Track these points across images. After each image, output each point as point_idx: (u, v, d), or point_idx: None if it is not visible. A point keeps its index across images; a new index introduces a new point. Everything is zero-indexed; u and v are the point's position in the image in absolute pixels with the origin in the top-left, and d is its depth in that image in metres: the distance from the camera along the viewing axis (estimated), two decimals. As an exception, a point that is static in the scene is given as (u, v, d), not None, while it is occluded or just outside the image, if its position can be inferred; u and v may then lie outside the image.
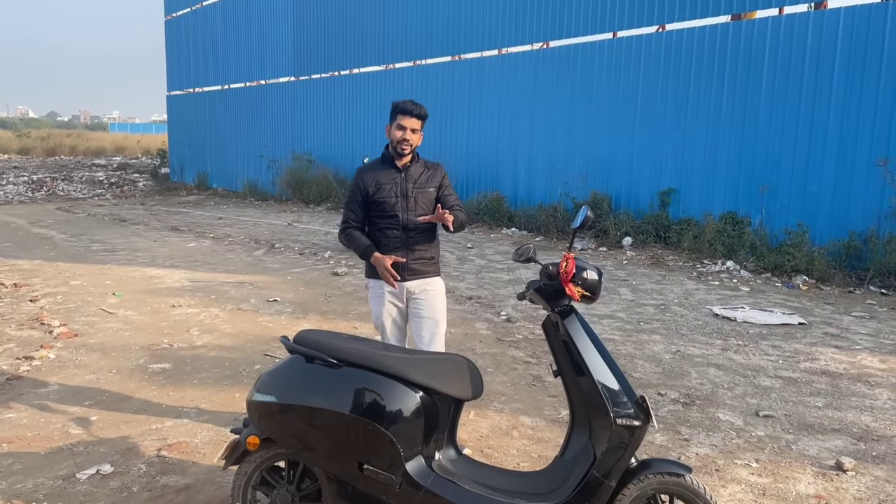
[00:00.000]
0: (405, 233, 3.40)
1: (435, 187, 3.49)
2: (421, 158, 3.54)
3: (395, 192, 3.40)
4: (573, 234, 2.75)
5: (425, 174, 3.48)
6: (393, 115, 3.42)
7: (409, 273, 3.42)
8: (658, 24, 11.31)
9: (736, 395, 4.55)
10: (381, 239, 3.42)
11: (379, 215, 3.41)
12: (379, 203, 3.39)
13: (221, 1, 22.49)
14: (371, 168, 3.51)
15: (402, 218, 3.39)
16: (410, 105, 3.39)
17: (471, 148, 14.54)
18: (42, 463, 3.45)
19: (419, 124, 3.41)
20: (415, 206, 3.41)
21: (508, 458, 3.61)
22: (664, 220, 10.90)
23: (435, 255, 3.54)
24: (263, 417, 2.60)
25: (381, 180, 3.41)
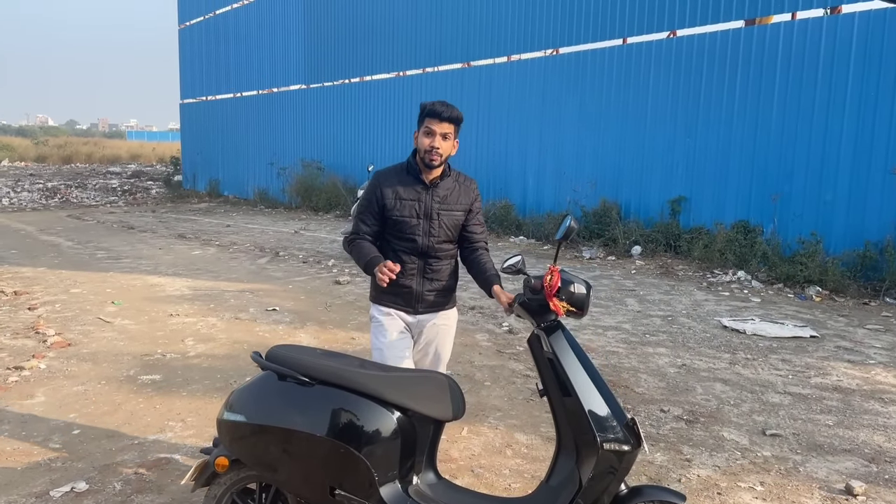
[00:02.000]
0: (423, 259, 2.88)
1: (464, 210, 2.92)
2: (453, 171, 2.96)
3: (416, 210, 2.84)
4: (558, 246, 2.60)
5: (455, 192, 2.90)
6: (420, 118, 2.83)
7: (422, 305, 2.91)
8: (669, 29, 11.15)
9: (742, 412, 4.37)
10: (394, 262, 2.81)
11: (395, 235, 2.88)
12: (396, 221, 2.84)
13: (234, 10, 22.59)
14: (392, 175, 2.90)
15: (420, 243, 2.85)
16: (440, 106, 2.80)
17: (480, 155, 14.42)
18: (18, 479, 3.34)
19: (452, 129, 2.82)
20: (438, 230, 2.86)
21: (500, 478, 3.46)
22: (674, 229, 10.70)
23: (454, 284, 3.03)
24: (233, 438, 2.47)
25: (403, 194, 2.85)
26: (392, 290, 2.88)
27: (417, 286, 2.89)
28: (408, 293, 2.90)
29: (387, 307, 2.93)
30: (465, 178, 2.99)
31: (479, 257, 2.96)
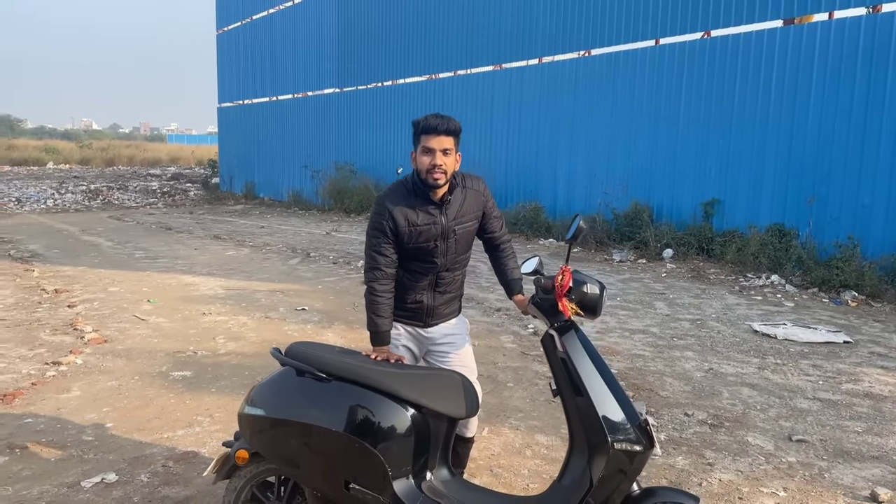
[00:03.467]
0: (437, 274, 2.77)
1: (477, 217, 2.77)
2: (459, 174, 2.76)
3: (433, 234, 2.67)
4: (569, 246, 2.61)
5: (466, 202, 2.73)
6: (416, 137, 2.63)
7: (432, 318, 2.81)
8: (703, 30, 11.00)
9: (769, 417, 4.30)
10: (405, 280, 2.75)
11: (412, 258, 2.72)
12: (413, 249, 2.68)
13: (269, 15, 22.95)
14: (399, 199, 2.67)
15: (440, 263, 2.73)
16: (435, 119, 2.58)
17: (510, 158, 14.42)
18: (51, 469, 3.47)
19: (451, 142, 2.59)
20: (455, 248, 2.74)
21: (519, 478, 3.47)
22: (707, 232, 10.56)
23: (462, 292, 2.96)
24: (252, 431, 2.54)
25: (416, 220, 2.64)
26: (401, 306, 2.78)
27: (429, 301, 2.79)
28: (418, 308, 2.78)
29: (394, 321, 2.79)
30: (472, 180, 2.78)
31: (503, 254, 2.89)
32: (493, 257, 2.93)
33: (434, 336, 2.85)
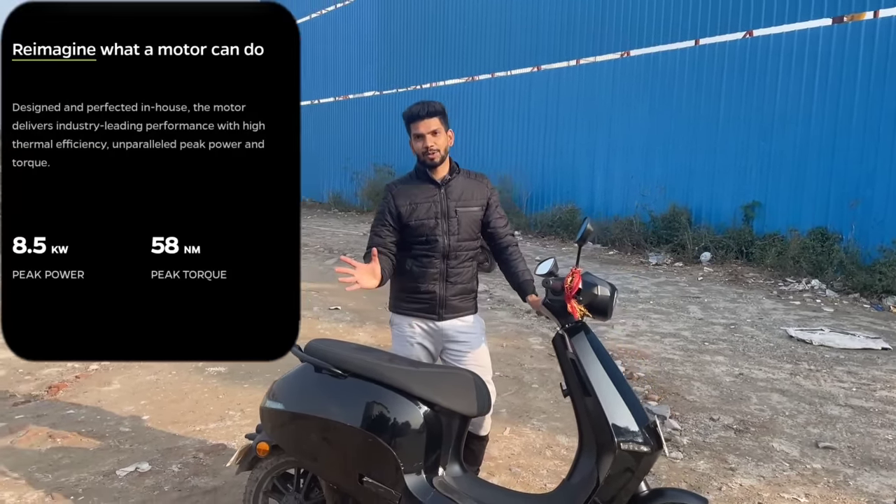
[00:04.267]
0: (445, 261, 2.82)
1: (481, 205, 2.88)
2: (462, 169, 2.94)
3: (434, 211, 2.80)
4: (578, 248, 2.64)
5: (469, 188, 2.87)
6: (407, 128, 2.86)
7: (446, 311, 2.84)
8: (744, 29, 10.83)
9: (797, 423, 4.25)
10: (415, 269, 2.82)
11: (415, 241, 2.82)
12: (414, 227, 2.80)
13: (311, 20, 23.36)
14: (404, 183, 2.90)
15: (442, 243, 2.79)
16: (416, 107, 2.78)
17: (547, 160, 14.40)
18: (88, 458, 3.64)
19: (438, 123, 2.78)
20: (458, 228, 2.81)
21: (537, 478, 3.51)
22: (747, 235, 10.38)
23: (476, 287, 2.98)
24: (272, 425, 2.64)
25: (416, 198, 2.81)
26: (414, 298, 2.85)
27: (441, 291, 2.84)
28: (431, 299, 2.83)
29: (407, 317, 2.89)
30: (476, 174, 2.96)
31: (511, 256, 2.92)
32: (502, 261, 2.96)
33: (449, 332, 2.87)
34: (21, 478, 3.38)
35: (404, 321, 2.91)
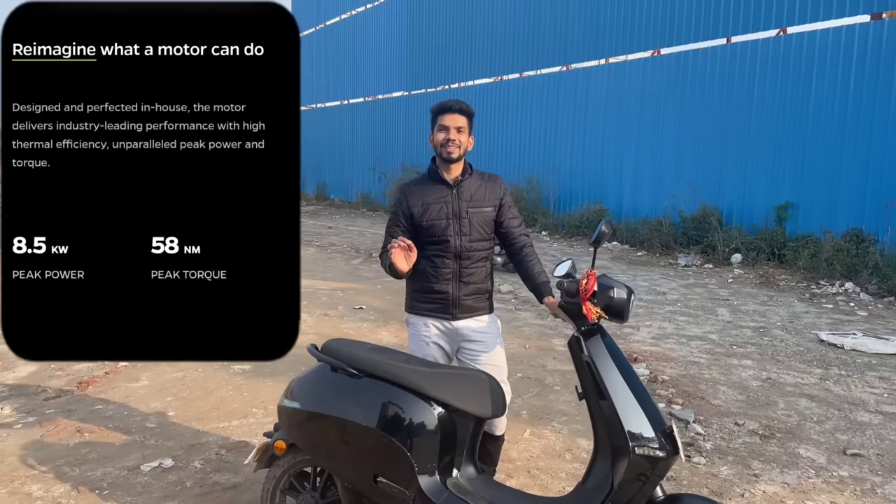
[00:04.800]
0: (458, 262, 2.84)
1: (493, 206, 2.89)
2: (475, 170, 2.95)
3: (445, 212, 2.82)
4: (594, 250, 2.61)
5: (481, 189, 2.88)
6: (432, 119, 2.87)
7: (460, 311, 2.85)
8: (778, 27, 10.62)
9: (825, 429, 4.15)
10: (428, 270, 2.84)
11: (427, 241, 2.83)
12: (426, 227, 2.82)
13: (342, 20, 23.55)
14: (416, 184, 2.95)
15: (454, 244, 2.81)
16: (449, 101, 2.83)
17: (574, 160, 14.30)
18: (115, 453, 3.71)
19: (465, 122, 2.80)
20: (469, 229, 2.83)
21: (556, 480, 3.49)
22: (779, 237, 10.19)
23: (490, 288, 2.98)
24: (290, 423, 2.66)
25: (428, 199, 2.84)
26: (428, 298, 2.87)
27: (454, 290, 2.85)
28: (444, 298, 2.85)
29: (423, 317, 2.91)
30: (489, 175, 2.97)
31: (526, 258, 2.90)
32: (517, 262, 2.94)
33: (463, 331, 2.88)
34: (49, 471, 3.46)
35: (420, 321, 2.93)
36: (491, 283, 3.00)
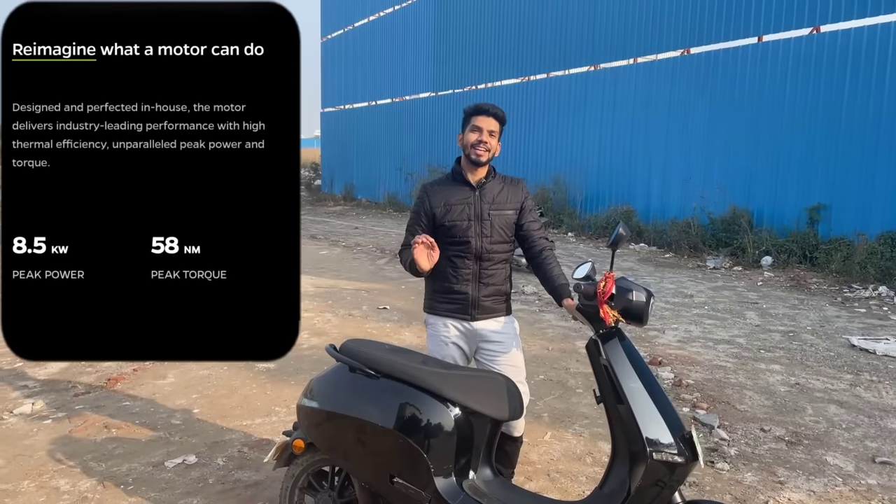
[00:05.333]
0: (478, 263, 2.85)
1: (515, 209, 2.90)
2: (499, 174, 2.97)
3: (467, 214, 2.83)
4: (612, 253, 2.58)
5: (504, 192, 2.89)
6: (466, 119, 2.87)
7: (479, 311, 2.86)
8: (811, 25, 10.42)
9: (854, 436, 4.06)
10: (448, 270, 2.85)
11: (448, 241, 2.84)
12: (448, 227, 2.83)
13: (370, 22, 23.67)
14: (439, 184, 2.96)
15: (474, 245, 2.82)
16: (486, 104, 2.84)
17: (602, 160, 14.19)
18: (140, 449, 3.78)
19: (497, 126, 2.82)
20: (490, 231, 2.84)
21: (575, 484, 3.47)
22: (811, 239, 10.00)
23: (510, 290, 2.98)
24: (308, 422, 2.68)
25: (450, 200, 2.85)
26: (447, 299, 2.88)
27: (473, 291, 2.85)
28: (463, 299, 2.85)
29: (442, 317, 2.90)
30: (512, 178, 2.98)
31: (546, 261, 2.87)
32: (536, 265, 2.92)
33: (482, 332, 2.88)
34: (76, 466, 3.54)
35: (439, 321, 2.93)
36: (510, 284, 2.99)
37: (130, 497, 3.24)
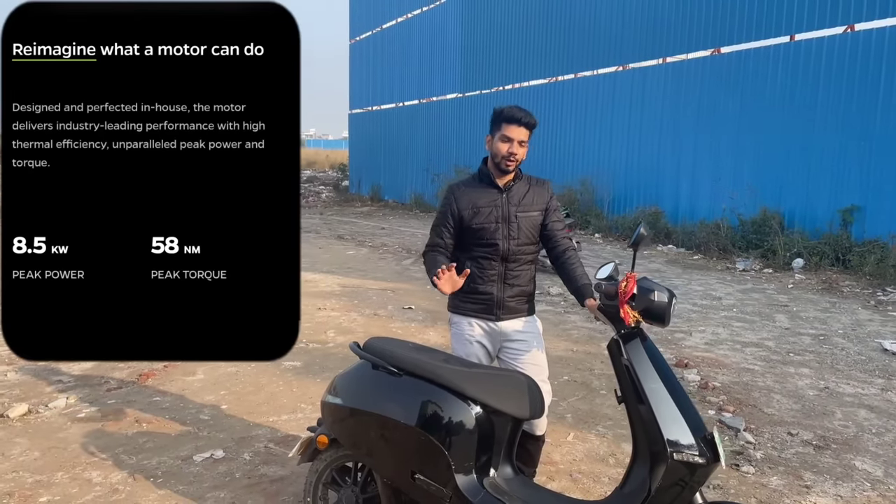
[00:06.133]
0: (504, 264, 2.87)
1: (541, 210, 2.91)
2: (524, 174, 2.96)
3: (495, 216, 2.84)
4: (634, 253, 2.58)
5: (530, 194, 2.91)
6: (496, 123, 2.85)
7: (504, 311, 2.89)
8: (845, 24, 10.23)
9: (884, 441, 3.99)
10: (474, 271, 2.85)
11: (475, 243, 2.87)
12: (476, 230, 2.84)
13: (398, 23, 23.77)
14: (466, 186, 2.96)
15: (502, 247, 2.84)
16: (518, 112, 2.79)
17: (630, 160, 14.08)
18: (170, 443, 3.87)
19: (527, 135, 2.82)
20: (517, 233, 2.86)
21: (598, 485, 3.46)
22: (844, 241, 9.81)
23: (533, 290, 3.00)
24: (332, 419, 2.73)
25: (478, 202, 2.85)
26: (472, 299, 2.89)
27: (498, 292, 2.87)
28: (489, 300, 2.88)
29: (467, 317, 2.92)
30: (538, 179, 2.99)
31: (569, 261, 2.87)
32: (559, 265, 2.91)
33: (506, 332, 2.91)
34: (108, 459, 3.63)
35: (463, 321, 2.95)
36: (534, 285, 3.01)
37: (160, 490, 3.32)
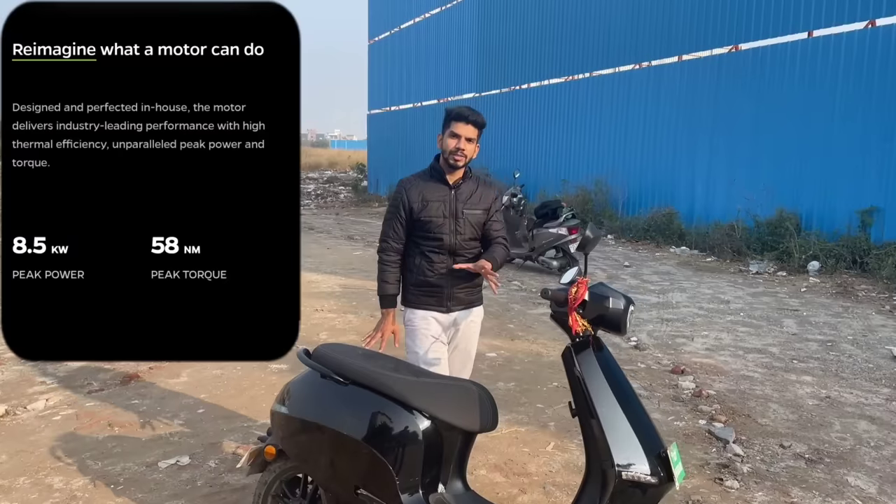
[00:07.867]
0: (451, 257, 2.99)
1: (485, 209, 3.05)
2: (474, 174, 3.13)
3: (443, 211, 2.98)
4: (585, 257, 2.44)
5: (477, 193, 3.06)
6: (446, 122, 3.00)
7: (454, 303, 3.03)
8: (865, 19, 9.89)
9: (882, 455, 3.78)
10: (423, 264, 3.00)
11: (423, 236, 3.00)
12: (424, 222, 2.98)
13: (415, 24, 23.71)
14: (417, 181, 3.08)
15: (448, 241, 2.97)
16: (466, 111, 2.95)
17: (645, 160, 13.82)
18: (138, 448, 3.80)
19: (475, 133, 2.96)
20: (464, 228, 3.00)
21: (571, 497, 3.29)
22: (863, 244, 9.48)
23: (481, 281, 3.11)
24: (279, 429, 2.63)
25: (428, 196, 2.99)
26: (424, 291, 3.02)
27: (447, 284, 2.99)
28: (439, 292, 3.01)
29: (421, 310, 3.03)
30: (486, 181, 3.18)
31: (493, 243, 3.05)
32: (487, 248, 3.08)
33: (456, 321, 3.08)
34: (73, 464, 3.57)
35: (417, 315, 3.04)
36: (481, 277, 3.08)
37: (118, 497, 3.25)
